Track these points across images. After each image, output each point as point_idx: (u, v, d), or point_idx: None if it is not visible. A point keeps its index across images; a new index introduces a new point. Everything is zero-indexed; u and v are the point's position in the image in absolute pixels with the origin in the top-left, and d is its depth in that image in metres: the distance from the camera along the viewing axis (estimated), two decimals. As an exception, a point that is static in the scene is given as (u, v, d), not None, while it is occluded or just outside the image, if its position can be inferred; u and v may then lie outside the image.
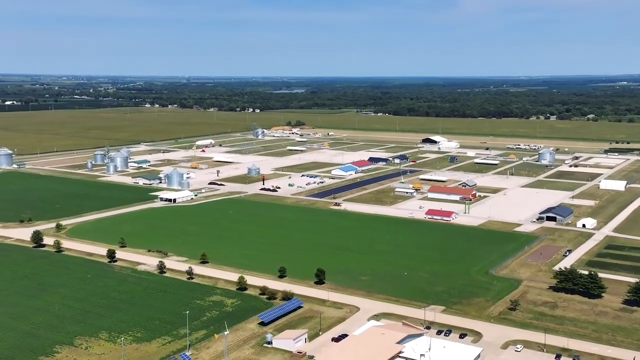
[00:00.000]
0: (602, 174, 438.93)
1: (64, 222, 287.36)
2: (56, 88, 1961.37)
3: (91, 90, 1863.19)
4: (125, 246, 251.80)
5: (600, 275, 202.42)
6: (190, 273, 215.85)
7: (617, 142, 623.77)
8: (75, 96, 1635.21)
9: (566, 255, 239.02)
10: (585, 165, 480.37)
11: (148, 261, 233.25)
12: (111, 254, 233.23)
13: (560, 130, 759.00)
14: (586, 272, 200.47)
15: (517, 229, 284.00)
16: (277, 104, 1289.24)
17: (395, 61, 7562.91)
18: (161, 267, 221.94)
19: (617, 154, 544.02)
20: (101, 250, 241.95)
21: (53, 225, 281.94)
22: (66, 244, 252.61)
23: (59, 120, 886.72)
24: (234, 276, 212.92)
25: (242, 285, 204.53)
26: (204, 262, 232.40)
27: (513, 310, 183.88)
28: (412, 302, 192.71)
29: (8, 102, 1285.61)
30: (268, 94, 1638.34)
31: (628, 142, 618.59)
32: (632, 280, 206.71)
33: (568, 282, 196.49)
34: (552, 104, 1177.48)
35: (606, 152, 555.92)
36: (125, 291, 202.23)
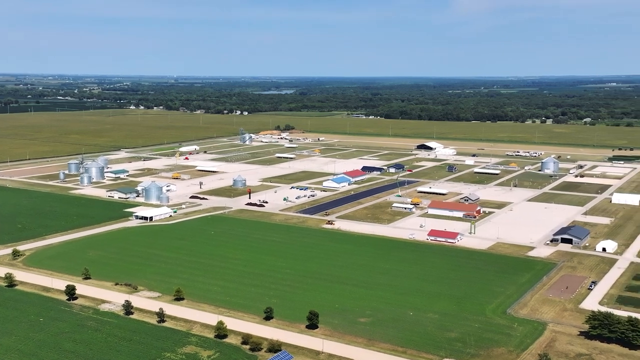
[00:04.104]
0: (611, 185, 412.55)
1: (22, 247, 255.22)
2: (40, 88, 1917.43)
3: (76, 91, 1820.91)
4: (89, 277, 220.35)
5: (636, 315, 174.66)
6: (161, 315, 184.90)
7: (619, 149, 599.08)
8: (59, 97, 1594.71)
9: (591, 289, 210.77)
10: (591, 175, 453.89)
11: (113, 298, 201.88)
12: (70, 291, 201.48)
13: (559, 136, 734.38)
14: (624, 315, 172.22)
15: (530, 253, 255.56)
16: (265, 106, 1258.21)
17: (384, 61, 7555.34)
18: (128, 307, 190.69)
19: (622, 162, 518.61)
20: (61, 284, 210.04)
21: (10, 251, 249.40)
22: (21, 275, 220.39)
23: (37, 124, 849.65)
24: (212, 318, 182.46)
25: (221, 333, 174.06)
26: (178, 298, 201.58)
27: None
28: (422, 354, 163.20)
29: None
30: (257, 95, 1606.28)
31: (631, 149, 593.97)
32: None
33: (604, 328, 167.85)
34: (546, 106, 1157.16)
35: (611, 160, 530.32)
36: (82, 340, 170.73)
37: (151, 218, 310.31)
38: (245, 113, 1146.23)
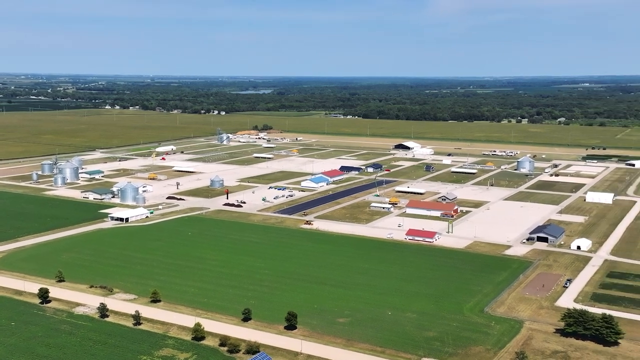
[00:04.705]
0: (585, 184, 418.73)
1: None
2: (12, 88, 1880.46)
3: (49, 91, 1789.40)
4: (63, 280, 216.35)
5: (610, 312, 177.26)
6: (137, 317, 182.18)
7: (593, 148, 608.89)
8: (32, 97, 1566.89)
9: (566, 286, 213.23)
10: (566, 174, 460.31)
11: (88, 301, 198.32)
12: (44, 294, 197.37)
13: (534, 135, 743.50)
14: (599, 312, 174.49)
15: (507, 252, 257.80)
16: (243, 106, 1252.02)
17: (362, 61, 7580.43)
18: (103, 310, 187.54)
19: (596, 161, 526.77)
20: (33, 287, 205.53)
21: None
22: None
23: (10, 124, 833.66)
24: (189, 320, 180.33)
25: (198, 335, 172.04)
26: (155, 300, 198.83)
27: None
28: (400, 353, 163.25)
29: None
30: (234, 95, 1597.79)
31: (604, 148, 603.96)
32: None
33: (579, 326, 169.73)
34: (522, 106, 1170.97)
35: (585, 159, 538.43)
36: (56, 345, 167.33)
37: (127, 219, 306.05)
38: (223, 113, 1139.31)
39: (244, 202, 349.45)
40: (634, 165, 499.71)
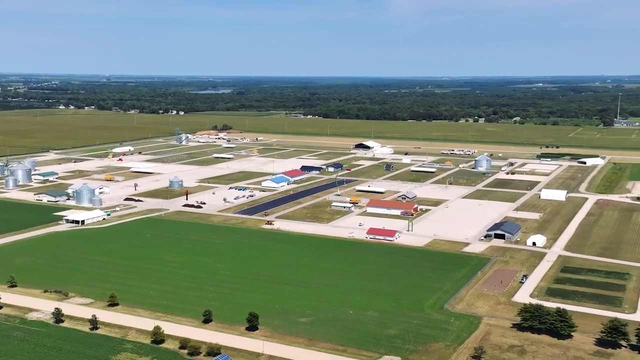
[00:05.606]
0: (540, 181, 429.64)
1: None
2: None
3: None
4: (15, 285, 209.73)
5: (564, 306, 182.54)
6: (94, 322, 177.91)
7: (547, 147, 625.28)
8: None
9: (523, 282, 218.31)
10: (521, 172, 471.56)
11: (42, 306, 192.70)
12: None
13: (491, 134, 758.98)
14: (553, 307, 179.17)
15: (466, 249, 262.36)
16: (202, 106, 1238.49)
17: (322, 61, 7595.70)
18: (58, 315, 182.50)
19: (549, 159, 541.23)
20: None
21: None
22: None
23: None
24: (148, 324, 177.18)
25: (158, 338, 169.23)
26: (112, 304, 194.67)
27: (478, 359, 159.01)
28: (362, 351, 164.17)
29: None
30: (193, 95, 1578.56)
31: (557, 147, 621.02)
32: (598, 312, 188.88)
33: (534, 320, 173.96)
34: (478, 106, 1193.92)
35: (539, 157, 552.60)
36: (8, 352, 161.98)
37: (83, 222, 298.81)
38: (182, 113, 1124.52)
39: (204, 203, 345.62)
40: (585, 163, 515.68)
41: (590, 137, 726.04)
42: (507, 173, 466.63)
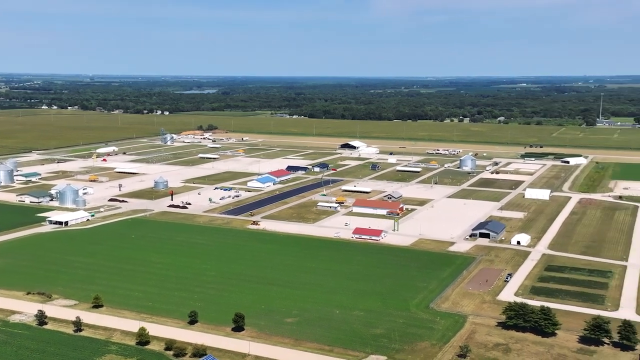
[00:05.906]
0: (524, 181, 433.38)
1: None
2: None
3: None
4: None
5: (548, 304, 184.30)
6: (78, 324, 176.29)
7: (531, 146, 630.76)
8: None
9: (507, 281, 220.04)
10: (506, 172, 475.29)
11: (25, 308, 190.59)
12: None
13: (476, 134, 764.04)
14: (537, 305, 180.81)
15: (451, 248, 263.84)
16: (187, 106, 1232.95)
17: (307, 61, 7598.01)
18: (41, 317, 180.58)
19: (533, 159, 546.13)
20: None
21: None
22: None
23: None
24: (133, 325, 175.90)
25: (143, 339, 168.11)
26: (97, 306, 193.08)
27: (463, 357, 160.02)
28: (348, 351, 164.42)
29: None
30: (178, 95, 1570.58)
31: (541, 146, 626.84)
32: (582, 310, 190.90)
33: (519, 318, 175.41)
34: (463, 106, 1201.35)
35: (523, 157, 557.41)
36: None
37: (66, 223, 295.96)
38: (166, 113, 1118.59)
39: (189, 204, 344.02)
40: (568, 162, 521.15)
41: (573, 137, 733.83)
42: (492, 172, 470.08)
